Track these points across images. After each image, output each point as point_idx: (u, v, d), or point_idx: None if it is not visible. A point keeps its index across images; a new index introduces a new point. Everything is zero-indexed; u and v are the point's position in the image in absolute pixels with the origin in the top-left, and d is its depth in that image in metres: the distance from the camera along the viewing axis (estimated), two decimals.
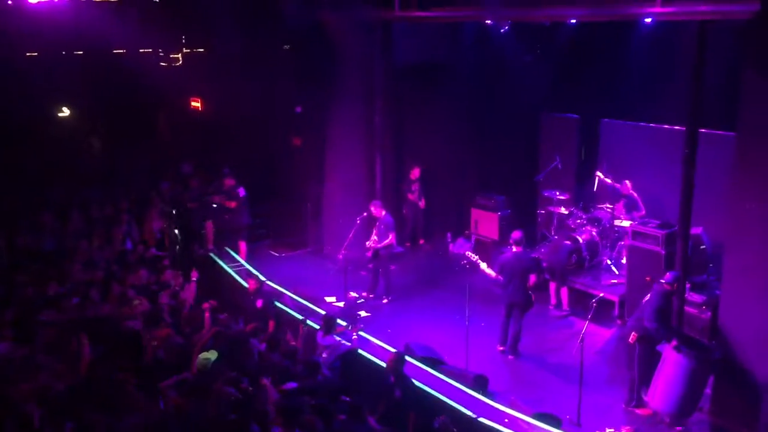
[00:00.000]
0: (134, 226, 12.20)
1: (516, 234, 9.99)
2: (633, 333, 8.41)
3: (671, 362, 8.00)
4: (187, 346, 8.04)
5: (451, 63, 13.52)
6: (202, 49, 15.36)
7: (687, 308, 9.26)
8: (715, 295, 9.17)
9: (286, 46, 14.21)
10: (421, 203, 14.08)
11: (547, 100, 13.55)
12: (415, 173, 13.90)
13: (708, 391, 8.33)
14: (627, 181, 11.83)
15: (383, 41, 12.90)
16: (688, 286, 9.39)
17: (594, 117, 12.88)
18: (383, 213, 11.70)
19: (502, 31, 12.37)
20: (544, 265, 11.45)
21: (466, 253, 10.27)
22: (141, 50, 14.85)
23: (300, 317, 9.75)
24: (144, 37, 14.18)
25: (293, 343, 9.04)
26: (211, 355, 7.68)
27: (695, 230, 10.08)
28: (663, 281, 8.45)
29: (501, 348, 10.09)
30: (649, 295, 8.51)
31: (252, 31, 13.89)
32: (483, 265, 9.83)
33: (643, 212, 11.65)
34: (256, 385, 6.99)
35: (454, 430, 6.63)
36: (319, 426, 6.23)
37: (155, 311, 8.90)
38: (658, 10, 8.73)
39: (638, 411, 8.50)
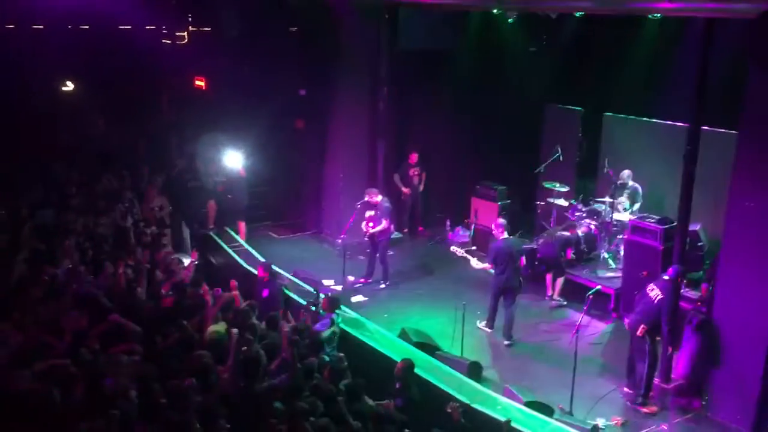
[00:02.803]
0: (136, 203, 12.20)
1: (500, 221, 10.43)
2: (642, 326, 8.43)
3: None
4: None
5: (457, 51, 13.53)
6: (207, 28, 15.29)
7: (682, 304, 9.34)
8: (710, 291, 9.25)
9: (292, 28, 14.18)
10: (421, 186, 14.13)
11: (550, 92, 13.57)
12: (414, 158, 13.95)
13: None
14: (626, 171, 11.84)
15: (389, 26, 12.90)
16: (683, 282, 9.47)
17: (597, 110, 12.91)
18: (380, 199, 11.73)
19: (508, 20, 12.36)
20: (539, 255, 11.59)
21: (452, 249, 10.50)
22: (147, 27, 14.79)
23: (304, 302, 9.78)
24: (150, 14, 14.14)
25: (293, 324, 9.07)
26: (221, 327, 7.70)
27: (693, 227, 10.15)
28: (668, 277, 8.49)
29: (490, 330, 10.31)
30: (655, 290, 8.50)
31: (258, 12, 13.86)
32: (473, 261, 10.18)
33: (640, 202, 11.68)
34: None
35: (462, 419, 6.65)
36: (319, 407, 6.30)
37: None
38: (665, 5, 8.72)
39: (643, 409, 8.48)
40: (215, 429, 5.66)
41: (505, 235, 10.26)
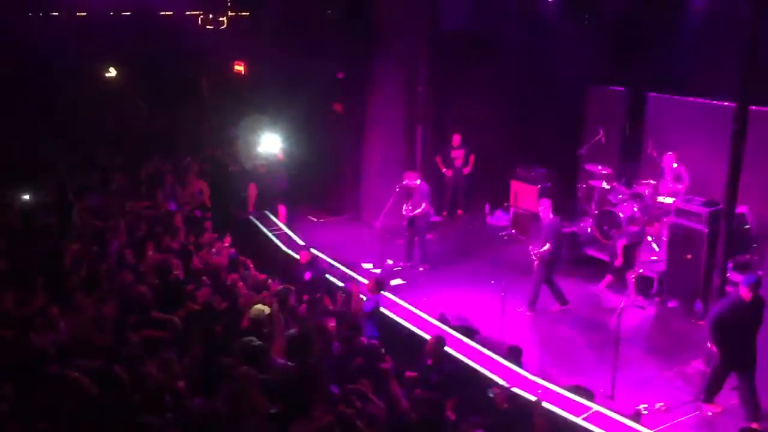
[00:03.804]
0: (178, 187, 12.38)
1: (548, 201, 10.44)
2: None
3: None
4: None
5: (497, 32, 13.38)
6: (246, 13, 15.39)
7: (729, 288, 9.13)
8: (758, 275, 9.02)
9: (330, 11, 14.16)
10: (466, 169, 14.05)
11: (593, 73, 13.33)
12: (457, 139, 13.86)
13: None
14: (670, 153, 11.60)
15: (428, 8, 12.78)
16: (730, 265, 9.24)
17: (641, 90, 12.64)
18: (418, 182, 11.70)
19: (549, 0, 12.16)
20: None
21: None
22: (187, 12, 14.95)
23: (341, 284, 9.83)
24: (190, 0, 14.29)
25: (332, 308, 9.13)
26: (266, 308, 7.75)
27: (740, 209, 9.91)
28: (741, 284, 7.63)
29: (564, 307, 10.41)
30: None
31: None
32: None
33: (688, 183, 11.45)
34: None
35: (506, 405, 6.57)
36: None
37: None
38: None
39: (707, 407, 8.05)
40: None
41: (555, 215, 10.31)
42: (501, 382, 7.58)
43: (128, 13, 14.45)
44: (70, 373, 5.55)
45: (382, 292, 8.88)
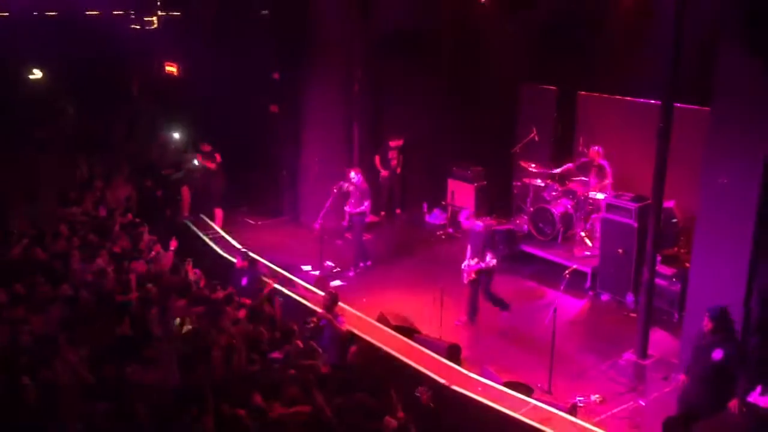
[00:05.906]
0: (107, 192, 12.05)
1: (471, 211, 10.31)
2: None
3: None
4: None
5: (432, 32, 13.45)
6: (177, 13, 15.09)
7: (657, 280, 9.42)
8: (685, 267, 9.33)
9: (264, 11, 14.01)
10: (399, 169, 14.10)
11: (526, 71, 13.54)
12: (398, 142, 13.91)
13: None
14: (595, 148, 11.85)
15: (363, 8, 12.78)
16: (659, 258, 9.52)
17: (571, 89, 12.91)
18: (360, 180, 11.68)
19: (482, 1, 12.30)
20: None
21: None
22: (115, 12, 14.57)
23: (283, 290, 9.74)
24: None
25: (270, 312, 9.04)
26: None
27: (667, 203, 10.22)
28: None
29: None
30: None
31: None
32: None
33: (610, 180, 11.68)
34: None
35: (431, 404, 6.66)
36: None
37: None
38: None
39: None
40: None
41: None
42: (440, 380, 7.64)
43: (53, 13, 13.98)
44: None
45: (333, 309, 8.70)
